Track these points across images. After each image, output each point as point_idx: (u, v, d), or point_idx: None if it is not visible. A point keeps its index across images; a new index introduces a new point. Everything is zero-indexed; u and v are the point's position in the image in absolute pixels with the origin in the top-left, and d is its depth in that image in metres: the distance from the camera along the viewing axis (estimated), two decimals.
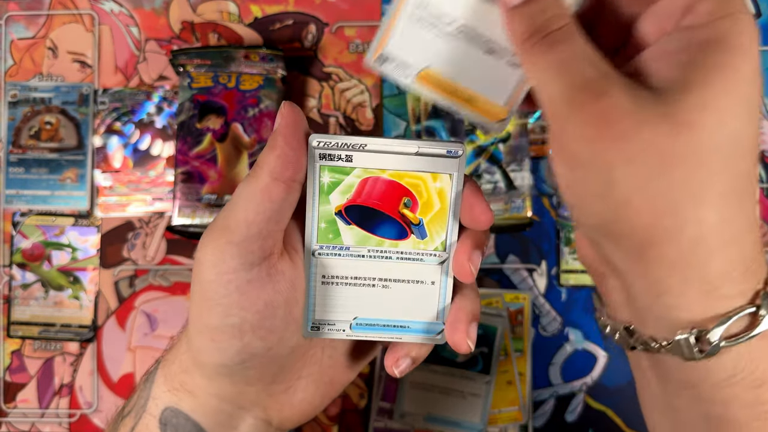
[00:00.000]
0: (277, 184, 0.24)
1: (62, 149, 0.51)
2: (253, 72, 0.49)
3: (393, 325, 0.27)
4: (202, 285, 0.25)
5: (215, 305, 0.24)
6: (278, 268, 0.25)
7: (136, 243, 0.51)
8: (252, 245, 0.24)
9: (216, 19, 0.52)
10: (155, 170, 0.51)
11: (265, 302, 0.25)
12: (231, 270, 0.24)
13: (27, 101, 0.52)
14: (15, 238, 0.51)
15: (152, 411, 0.27)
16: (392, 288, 0.27)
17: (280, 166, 0.24)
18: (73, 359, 0.51)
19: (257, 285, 0.25)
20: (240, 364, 0.25)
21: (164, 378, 0.28)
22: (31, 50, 0.52)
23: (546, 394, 0.50)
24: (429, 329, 0.27)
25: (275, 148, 0.24)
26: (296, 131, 0.24)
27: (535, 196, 0.51)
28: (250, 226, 0.24)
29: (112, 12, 0.52)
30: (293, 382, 0.28)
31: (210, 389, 0.27)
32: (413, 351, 0.28)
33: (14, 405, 0.51)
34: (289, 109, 0.24)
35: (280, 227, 0.25)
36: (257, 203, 0.24)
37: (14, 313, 0.51)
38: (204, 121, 0.49)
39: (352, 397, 0.50)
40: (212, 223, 0.25)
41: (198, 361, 0.26)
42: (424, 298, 0.27)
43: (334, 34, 0.52)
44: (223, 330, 0.25)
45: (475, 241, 0.26)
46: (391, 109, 0.52)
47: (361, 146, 0.25)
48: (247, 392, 0.27)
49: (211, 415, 0.27)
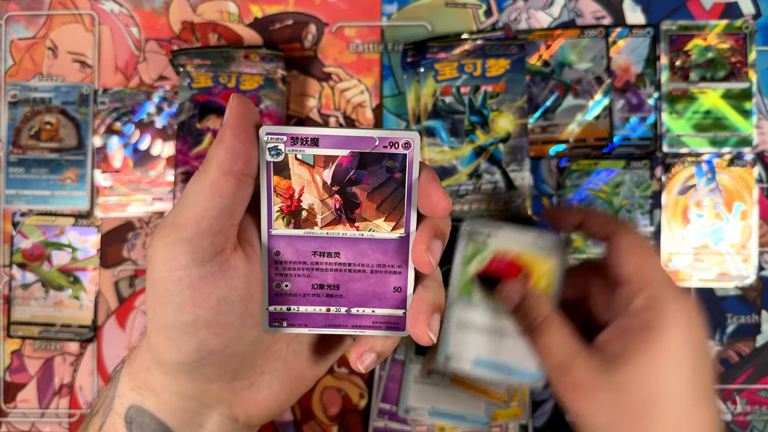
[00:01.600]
0: (226, 178, 0.23)
1: (62, 149, 0.51)
2: (253, 72, 0.49)
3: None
4: (154, 282, 0.24)
5: (168, 303, 0.24)
6: (231, 263, 0.25)
7: (136, 243, 0.51)
8: (202, 241, 0.24)
9: (216, 19, 0.52)
10: (155, 170, 0.51)
11: (219, 298, 0.25)
12: (182, 267, 0.24)
13: (27, 101, 0.52)
14: (15, 238, 0.51)
15: (118, 410, 0.27)
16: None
17: (228, 160, 0.23)
18: (73, 359, 0.51)
19: (210, 281, 0.24)
20: (198, 362, 0.25)
21: (128, 376, 0.28)
22: (31, 50, 0.52)
23: (546, 394, 0.50)
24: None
25: (223, 141, 0.24)
26: (245, 124, 0.24)
27: (535, 196, 0.51)
28: (199, 222, 0.24)
29: (112, 12, 0.52)
30: (256, 378, 0.28)
31: (171, 387, 0.27)
32: (378, 345, 0.27)
33: (14, 405, 0.51)
34: (238, 101, 0.24)
35: (232, 222, 0.25)
36: (207, 198, 0.24)
37: (14, 313, 0.51)
38: (204, 121, 0.49)
39: (352, 397, 0.50)
40: (163, 220, 0.25)
41: (156, 359, 0.26)
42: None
43: (334, 34, 0.52)
44: (177, 327, 0.24)
45: (434, 230, 0.26)
46: (391, 109, 0.52)
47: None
48: (209, 389, 0.27)
49: (175, 414, 0.27)
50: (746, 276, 0.50)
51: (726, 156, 0.50)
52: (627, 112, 0.51)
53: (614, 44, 0.51)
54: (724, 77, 0.50)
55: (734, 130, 0.50)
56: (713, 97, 0.50)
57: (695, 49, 0.51)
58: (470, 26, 0.52)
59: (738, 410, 0.49)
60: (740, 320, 0.50)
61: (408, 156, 0.25)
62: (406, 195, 0.25)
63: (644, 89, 0.51)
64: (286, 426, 0.50)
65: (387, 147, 0.25)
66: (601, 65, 0.51)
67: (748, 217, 0.50)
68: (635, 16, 0.51)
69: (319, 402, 0.50)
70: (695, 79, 0.51)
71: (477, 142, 0.49)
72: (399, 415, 0.49)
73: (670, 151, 0.50)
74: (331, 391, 0.50)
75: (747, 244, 0.50)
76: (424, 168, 0.25)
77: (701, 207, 0.50)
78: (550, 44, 0.51)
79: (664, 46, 0.51)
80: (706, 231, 0.50)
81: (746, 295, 0.50)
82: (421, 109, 0.50)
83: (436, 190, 0.25)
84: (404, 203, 0.25)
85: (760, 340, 0.50)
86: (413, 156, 0.25)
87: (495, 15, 0.52)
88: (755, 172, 0.50)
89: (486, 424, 0.48)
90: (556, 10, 0.51)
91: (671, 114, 0.50)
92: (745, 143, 0.50)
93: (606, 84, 0.51)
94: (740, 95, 0.50)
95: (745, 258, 0.50)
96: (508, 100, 0.49)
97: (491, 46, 0.49)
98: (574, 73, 0.51)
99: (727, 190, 0.50)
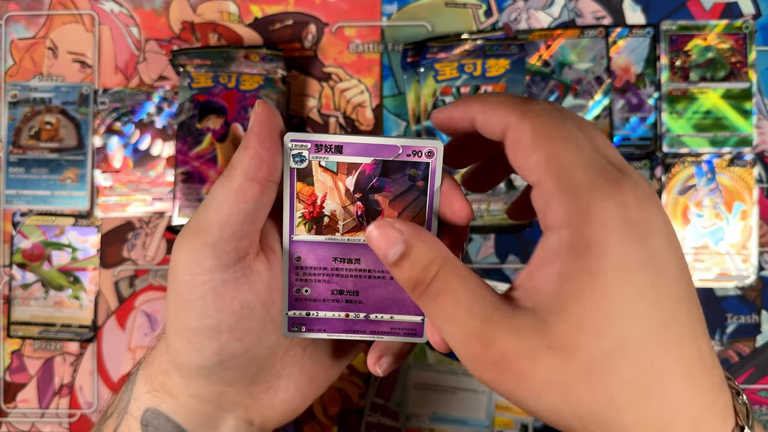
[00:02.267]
0: (251, 184, 0.24)
1: (62, 149, 0.51)
2: (253, 72, 0.50)
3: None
4: (177, 286, 0.24)
5: (191, 307, 0.24)
6: (254, 268, 0.25)
7: (136, 243, 0.51)
8: (226, 246, 0.24)
9: (216, 19, 0.52)
10: (155, 170, 0.51)
11: (241, 303, 0.25)
12: (206, 271, 0.24)
13: (27, 101, 0.52)
14: (15, 238, 0.51)
15: (134, 412, 0.27)
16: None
17: (254, 167, 0.24)
18: (73, 359, 0.51)
19: (233, 286, 0.24)
20: (218, 365, 0.25)
21: (145, 379, 0.28)
22: (31, 50, 0.52)
23: None
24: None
25: (248, 148, 0.24)
26: (270, 130, 0.24)
27: None
28: (224, 227, 0.24)
29: (112, 12, 0.52)
30: (273, 382, 0.28)
31: (189, 390, 0.27)
32: (395, 350, 0.28)
33: (14, 405, 0.51)
34: (263, 108, 0.24)
35: (256, 228, 0.25)
36: (231, 204, 0.24)
37: (14, 313, 0.51)
38: (204, 121, 0.49)
39: (352, 397, 0.50)
40: (187, 224, 0.25)
41: (176, 362, 0.26)
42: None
43: (334, 34, 0.52)
44: (199, 331, 0.25)
45: (455, 238, 0.26)
46: (391, 109, 0.52)
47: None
48: (226, 393, 0.27)
49: (191, 416, 0.27)
50: (746, 276, 0.50)
51: (726, 156, 0.50)
52: (627, 112, 0.51)
53: (614, 44, 0.51)
54: (724, 77, 0.50)
55: (734, 130, 0.50)
56: (713, 97, 0.50)
57: (695, 49, 0.51)
58: (470, 26, 0.52)
59: None
60: (740, 320, 0.50)
61: (431, 165, 0.25)
62: (428, 203, 0.25)
63: (644, 89, 0.51)
64: (286, 426, 0.50)
65: (410, 155, 0.25)
66: (601, 65, 0.51)
67: (748, 217, 0.50)
68: (635, 16, 0.51)
69: (319, 402, 0.50)
70: (695, 79, 0.51)
71: None
72: (399, 422, 0.49)
73: (670, 151, 0.50)
74: (331, 391, 0.50)
75: (747, 244, 0.50)
76: (446, 176, 0.25)
77: (701, 207, 0.50)
78: (550, 44, 0.51)
79: (664, 46, 0.51)
80: (706, 231, 0.50)
81: (746, 295, 0.50)
82: (421, 109, 0.50)
83: (458, 198, 0.25)
84: (426, 211, 0.26)
85: (760, 340, 0.50)
86: (436, 164, 0.25)
87: (495, 15, 0.52)
88: (755, 172, 0.50)
89: (487, 427, 0.48)
90: (556, 10, 0.51)
91: (671, 114, 0.50)
92: (745, 143, 0.50)
93: (606, 84, 0.51)
94: (740, 95, 0.50)
95: (745, 258, 0.50)
96: None
97: (491, 46, 0.49)
98: (574, 73, 0.51)
99: (727, 190, 0.50)
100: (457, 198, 0.25)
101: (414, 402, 0.49)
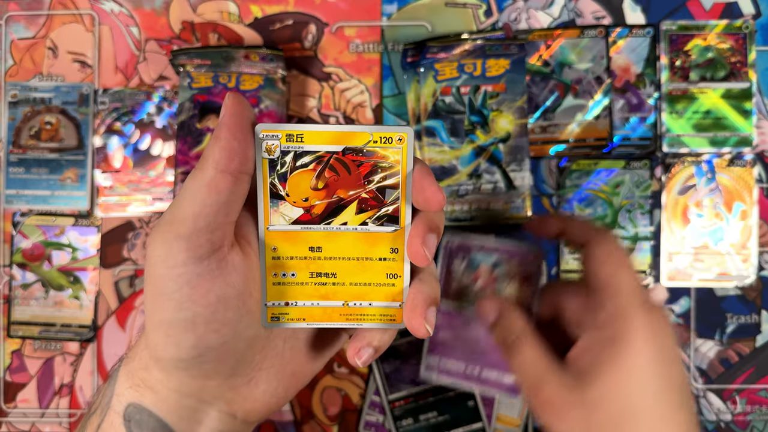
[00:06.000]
0: (223, 176, 0.24)
1: (62, 149, 0.51)
2: (253, 72, 0.50)
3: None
4: (153, 280, 0.25)
5: (167, 300, 0.24)
6: (229, 260, 0.25)
7: (136, 243, 0.51)
8: (200, 238, 0.24)
9: (216, 19, 0.52)
10: (155, 170, 0.51)
11: (217, 295, 0.25)
12: (180, 264, 0.24)
13: (27, 101, 0.52)
14: (15, 238, 0.51)
15: (116, 408, 0.27)
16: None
17: (225, 158, 0.24)
18: (74, 359, 0.51)
19: (208, 278, 0.24)
20: (196, 358, 0.25)
21: (126, 375, 0.28)
22: (31, 50, 0.52)
23: None
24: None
25: (219, 139, 0.24)
26: (241, 122, 0.24)
27: (535, 196, 0.51)
28: (197, 220, 0.24)
29: (112, 12, 0.52)
30: (254, 374, 0.28)
31: (170, 384, 0.27)
32: (375, 340, 0.28)
33: (14, 405, 0.51)
34: (233, 99, 0.24)
35: (229, 220, 0.25)
36: (204, 196, 0.24)
37: (14, 313, 0.51)
38: (204, 121, 0.49)
39: (352, 397, 0.50)
40: (161, 218, 0.25)
41: (155, 356, 0.26)
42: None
43: (334, 34, 0.52)
44: (176, 324, 0.25)
45: (429, 224, 0.26)
46: (391, 109, 0.52)
47: None
48: (207, 386, 0.27)
49: (173, 411, 0.27)
50: (746, 276, 0.50)
51: (726, 156, 0.50)
52: (627, 112, 0.51)
53: (614, 44, 0.51)
54: (724, 77, 0.50)
55: (734, 130, 0.50)
56: (713, 97, 0.50)
57: (695, 49, 0.51)
58: (470, 26, 0.52)
59: (738, 410, 0.49)
60: (740, 320, 0.50)
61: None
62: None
63: (644, 89, 0.51)
64: (286, 426, 0.50)
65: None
66: (601, 65, 0.51)
67: (748, 217, 0.50)
68: (635, 16, 0.51)
69: (319, 402, 0.50)
70: (695, 79, 0.51)
71: (477, 142, 0.49)
72: None
73: (670, 151, 0.50)
74: (331, 391, 0.50)
75: (747, 244, 0.50)
76: (417, 163, 0.26)
77: (701, 207, 0.50)
78: (550, 44, 0.51)
79: (664, 46, 0.51)
80: (706, 231, 0.50)
81: (746, 295, 0.50)
82: (421, 109, 0.50)
83: (430, 184, 0.25)
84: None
85: (760, 340, 0.50)
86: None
87: (495, 15, 0.52)
88: (755, 172, 0.50)
89: None
90: (556, 10, 0.51)
91: (671, 114, 0.50)
92: (745, 143, 0.50)
93: (606, 84, 0.51)
94: (740, 95, 0.50)
95: (745, 258, 0.50)
96: (508, 100, 0.49)
97: (491, 46, 0.49)
98: (574, 73, 0.51)
99: (727, 190, 0.50)
100: (429, 184, 0.25)
101: None
